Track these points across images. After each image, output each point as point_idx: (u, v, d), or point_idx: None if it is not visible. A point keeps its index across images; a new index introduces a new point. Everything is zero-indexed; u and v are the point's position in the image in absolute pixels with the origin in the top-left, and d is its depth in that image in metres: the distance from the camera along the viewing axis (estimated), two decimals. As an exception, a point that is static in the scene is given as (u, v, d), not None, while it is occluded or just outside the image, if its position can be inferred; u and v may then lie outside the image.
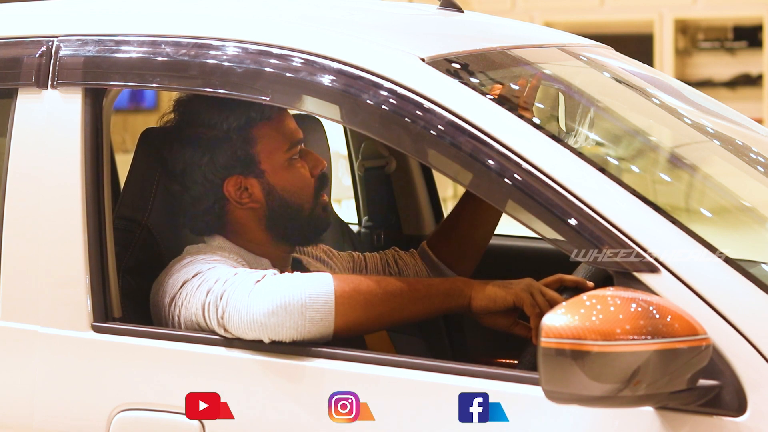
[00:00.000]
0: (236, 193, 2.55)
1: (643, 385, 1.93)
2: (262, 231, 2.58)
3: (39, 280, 2.40)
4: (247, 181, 2.54)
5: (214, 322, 2.31)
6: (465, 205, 2.90)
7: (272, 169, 2.55)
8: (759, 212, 2.76)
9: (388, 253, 2.96)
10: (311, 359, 2.24)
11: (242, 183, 2.54)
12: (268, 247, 2.59)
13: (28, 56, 2.47)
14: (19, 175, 2.43)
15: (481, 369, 2.17)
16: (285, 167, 2.56)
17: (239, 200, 2.55)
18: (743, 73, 11.07)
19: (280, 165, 2.55)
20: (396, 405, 2.18)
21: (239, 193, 2.55)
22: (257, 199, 2.55)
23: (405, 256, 2.95)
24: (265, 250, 2.59)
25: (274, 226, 2.57)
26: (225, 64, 2.34)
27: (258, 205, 2.56)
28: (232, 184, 2.54)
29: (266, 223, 2.57)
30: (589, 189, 2.12)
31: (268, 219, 2.57)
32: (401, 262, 2.94)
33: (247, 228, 2.58)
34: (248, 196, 2.55)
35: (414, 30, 2.68)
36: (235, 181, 2.54)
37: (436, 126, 2.20)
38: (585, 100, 2.74)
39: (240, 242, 2.57)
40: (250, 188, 2.55)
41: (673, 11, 10.92)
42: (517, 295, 2.36)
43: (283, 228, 2.57)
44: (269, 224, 2.57)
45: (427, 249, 2.95)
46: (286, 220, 2.57)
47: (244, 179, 2.54)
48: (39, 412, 2.38)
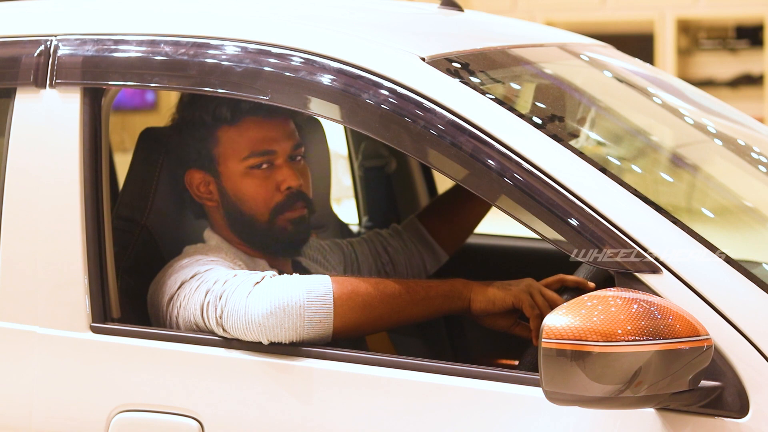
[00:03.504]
0: (195, 186, 2.58)
1: (644, 386, 1.93)
2: (228, 230, 2.58)
3: (38, 280, 2.40)
4: (207, 177, 2.57)
5: (213, 322, 2.31)
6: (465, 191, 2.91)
7: (227, 173, 2.56)
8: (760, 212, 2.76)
9: (374, 240, 2.97)
10: (310, 360, 2.24)
11: (204, 178, 2.57)
12: (248, 250, 2.59)
13: (26, 55, 2.46)
14: (18, 175, 2.42)
15: (482, 370, 2.16)
16: (239, 175, 2.55)
17: (197, 193, 2.58)
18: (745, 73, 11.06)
19: (234, 171, 2.55)
20: (396, 405, 2.18)
21: (198, 186, 2.58)
22: (214, 198, 2.58)
23: (393, 241, 2.97)
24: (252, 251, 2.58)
25: (235, 228, 2.58)
26: (224, 63, 2.34)
27: (214, 203, 2.58)
28: (194, 176, 2.58)
29: (228, 223, 2.58)
30: (590, 189, 2.11)
31: (227, 219, 2.58)
32: (391, 249, 2.95)
33: (219, 224, 2.59)
34: (208, 192, 2.58)
35: (414, 29, 2.67)
36: (196, 175, 2.57)
37: (436, 126, 2.19)
38: (586, 99, 2.73)
39: (233, 241, 2.57)
40: (209, 185, 2.58)
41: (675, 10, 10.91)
42: (516, 297, 2.35)
43: (244, 233, 2.57)
44: (230, 224, 2.58)
45: (419, 223, 3.00)
46: (243, 225, 2.57)
47: (205, 175, 2.57)
48: (37, 412, 2.38)
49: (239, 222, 2.56)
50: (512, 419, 2.10)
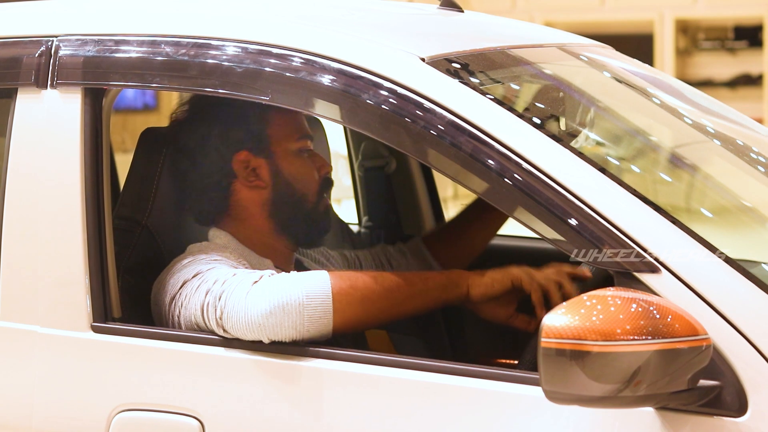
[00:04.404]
0: (244, 171, 2.56)
1: (643, 385, 1.93)
2: (264, 218, 2.57)
3: (39, 280, 2.40)
4: (256, 160, 2.56)
5: (213, 323, 2.31)
6: (473, 215, 2.94)
7: (282, 153, 2.56)
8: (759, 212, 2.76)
9: (379, 253, 2.98)
10: (310, 359, 2.24)
11: (251, 161, 2.55)
12: (270, 240, 2.58)
13: (27, 56, 2.47)
14: (19, 175, 2.43)
15: (481, 369, 2.16)
16: (294, 154, 2.58)
17: (246, 178, 2.56)
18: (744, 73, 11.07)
19: (289, 151, 2.57)
20: (396, 405, 2.18)
21: (247, 171, 2.55)
22: (264, 180, 2.56)
23: (397, 256, 2.97)
24: (268, 245, 2.58)
25: (277, 213, 2.57)
26: (225, 63, 2.34)
27: (264, 185, 2.56)
28: (241, 160, 2.55)
29: (269, 209, 2.57)
30: (590, 189, 2.11)
31: (272, 204, 2.57)
32: (394, 263, 2.96)
33: (251, 213, 2.57)
34: (255, 175, 2.56)
35: (414, 30, 2.68)
36: (244, 158, 2.55)
37: (436, 126, 2.20)
38: (585, 99, 2.73)
39: (243, 238, 2.57)
40: (258, 168, 2.56)
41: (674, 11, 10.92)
42: (513, 275, 2.38)
43: (285, 217, 2.57)
44: (272, 210, 2.57)
45: (423, 246, 3.00)
46: (289, 208, 2.57)
47: (254, 158, 2.55)
48: (38, 412, 2.38)
49: (286, 205, 2.56)
50: (512, 418, 2.11)
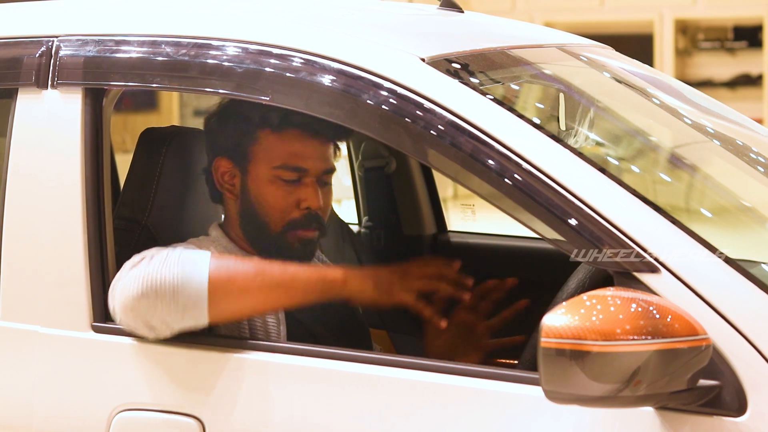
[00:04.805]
0: (221, 173, 2.58)
1: (643, 385, 1.93)
2: (238, 226, 2.59)
3: (39, 280, 2.40)
4: (234, 169, 2.57)
5: (110, 306, 2.31)
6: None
7: (254, 173, 2.56)
8: (759, 212, 2.76)
9: None
10: (311, 358, 2.24)
11: (231, 169, 2.57)
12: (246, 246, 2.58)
13: (28, 56, 2.47)
14: (19, 176, 2.43)
15: (481, 369, 2.17)
16: (265, 180, 2.55)
17: (221, 180, 2.58)
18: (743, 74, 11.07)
19: (261, 175, 2.55)
20: (396, 404, 2.18)
21: (224, 175, 2.57)
22: (235, 190, 2.57)
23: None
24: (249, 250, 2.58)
25: (245, 227, 2.58)
26: (225, 64, 2.35)
27: (234, 195, 2.58)
28: (221, 164, 2.57)
29: (240, 220, 2.58)
30: (589, 189, 2.12)
31: (241, 216, 2.57)
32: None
33: (230, 216, 2.60)
34: (231, 183, 2.58)
35: (414, 30, 2.68)
36: (224, 163, 2.57)
37: (436, 126, 2.20)
38: (585, 100, 2.74)
39: (233, 237, 2.58)
40: (234, 178, 2.57)
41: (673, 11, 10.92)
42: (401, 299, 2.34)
43: (252, 234, 2.57)
44: (242, 221, 2.58)
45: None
46: (253, 228, 2.57)
47: (232, 167, 2.56)
48: (39, 412, 2.38)
49: (251, 223, 2.56)
50: (512, 418, 2.11)
